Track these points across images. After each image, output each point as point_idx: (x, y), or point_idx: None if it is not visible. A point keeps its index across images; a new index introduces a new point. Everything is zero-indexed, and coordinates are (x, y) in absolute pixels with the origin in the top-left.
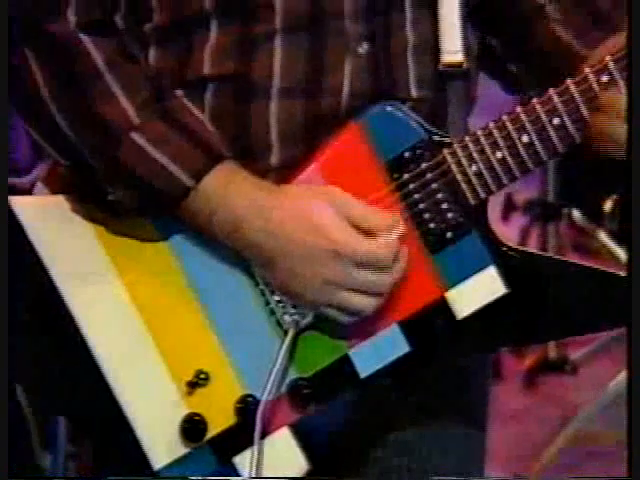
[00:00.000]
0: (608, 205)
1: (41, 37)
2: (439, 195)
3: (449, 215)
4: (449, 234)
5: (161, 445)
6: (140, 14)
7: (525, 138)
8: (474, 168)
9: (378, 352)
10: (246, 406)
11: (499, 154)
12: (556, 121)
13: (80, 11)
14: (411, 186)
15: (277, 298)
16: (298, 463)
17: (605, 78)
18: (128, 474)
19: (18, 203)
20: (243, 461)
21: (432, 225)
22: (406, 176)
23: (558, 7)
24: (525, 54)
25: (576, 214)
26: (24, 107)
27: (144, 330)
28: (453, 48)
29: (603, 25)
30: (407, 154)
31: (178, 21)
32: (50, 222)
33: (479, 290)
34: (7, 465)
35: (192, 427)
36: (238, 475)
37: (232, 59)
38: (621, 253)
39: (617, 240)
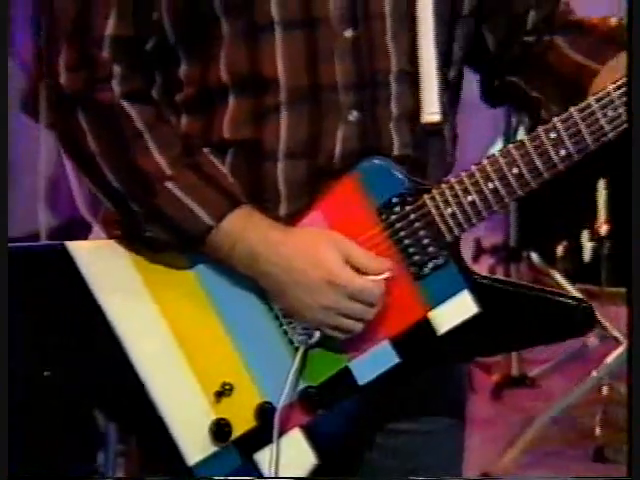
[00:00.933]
0: (560, 249)
1: (91, 104)
2: (421, 232)
3: (430, 249)
4: (430, 264)
5: (194, 445)
6: (172, 87)
7: (490, 185)
8: (449, 210)
9: (373, 363)
10: (264, 411)
11: (470, 198)
12: (515, 170)
13: (123, 82)
14: (398, 225)
15: (288, 320)
16: (308, 458)
17: (553, 135)
18: (168, 469)
19: (73, 246)
20: (262, 457)
21: (416, 257)
22: (393, 217)
23: (566, 37)
24: (544, 80)
25: (534, 256)
26: (78, 161)
27: (177, 348)
28: (432, 110)
29: (609, 45)
30: (394, 199)
31: (202, 93)
32: (99, 258)
33: (455, 310)
34: (7, 465)
35: (219, 430)
36: (258, 469)
37: (246, 126)
38: (571, 289)
39: (567, 278)
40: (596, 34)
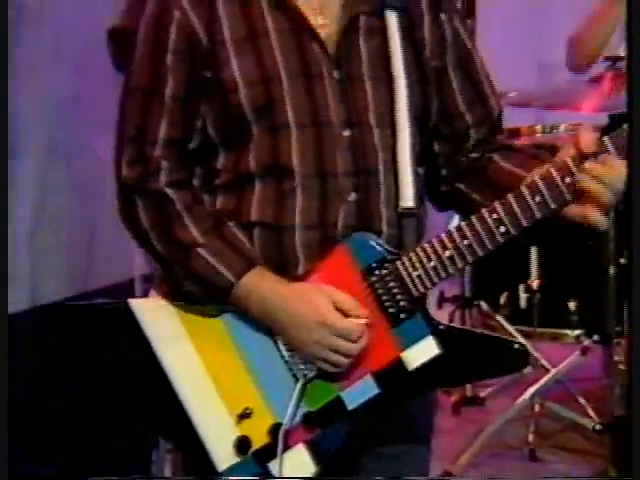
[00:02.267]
0: (502, 299)
1: (143, 191)
2: (395, 290)
3: (402, 303)
4: (402, 315)
5: (222, 456)
6: (210, 174)
7: (447, 253)
8: (415, 273)
9: (359, 393)
10: (276, 430)
11: (432, 263)
12: (466, 242)
13: (168, 174)
14: (377, 285)
15: (290, 357)
16: (310, 467)
17: (495, 215)
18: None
19: (133, 303)
20: (274, 466)
21: (391, 310)
22: (373, 278)
23: (501, 155)
24: (483, 186)
25: (483, 304)
26: (134, 234)
27: (209, 380)
28: (408, 196)
29: (534, 159)
30: (374, 264)
31: (235, 179)
32: (153, 312)
33: (422, 351)
34: (7, 466)
35: (241, 444)
36: (271, 475)
37: (269, 207)
38: (512, 329)
39: (508, 321)
40: (524, 152)
